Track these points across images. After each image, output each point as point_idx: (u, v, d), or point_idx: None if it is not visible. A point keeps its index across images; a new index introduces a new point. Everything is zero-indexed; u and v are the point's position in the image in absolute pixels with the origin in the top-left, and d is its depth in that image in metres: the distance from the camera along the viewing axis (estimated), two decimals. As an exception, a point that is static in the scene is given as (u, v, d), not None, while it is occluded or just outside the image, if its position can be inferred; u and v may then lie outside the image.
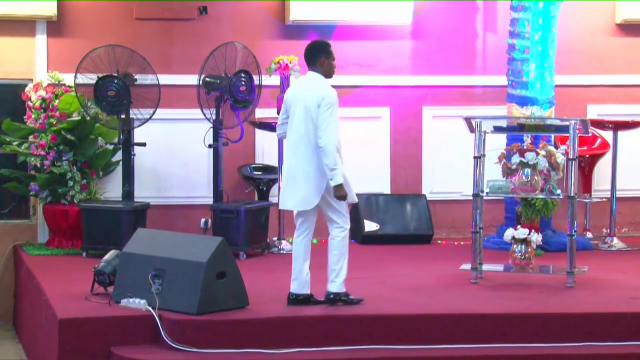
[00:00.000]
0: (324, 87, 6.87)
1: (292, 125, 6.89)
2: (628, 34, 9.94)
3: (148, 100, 8.77)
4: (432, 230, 9.56)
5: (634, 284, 7.72)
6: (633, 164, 9.82)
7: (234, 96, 8.76)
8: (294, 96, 6.93)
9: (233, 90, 8.74)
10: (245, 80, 8.80)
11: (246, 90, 8.81)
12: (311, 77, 6.95)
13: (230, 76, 8.74)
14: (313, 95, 6.81)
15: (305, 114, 6.82)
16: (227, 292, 6.73)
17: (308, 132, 6.81)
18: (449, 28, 9.80)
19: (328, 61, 6.94)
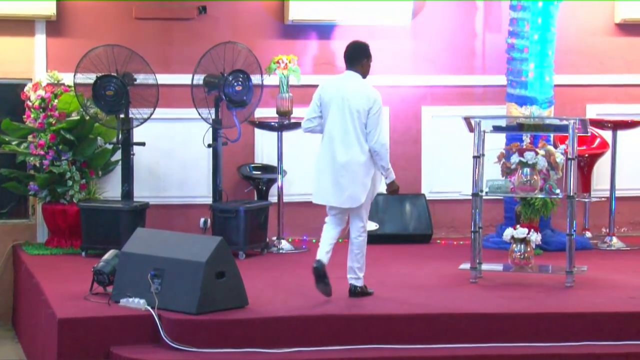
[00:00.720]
0: (371, 89, 7.13)
1: (334, 121, 7.08)
2: (627, 34, 9.94)
3: (147, 100, 8.77)
4: (431, 230, 9.56)
5: (633, 283, 7.73)
6: (632, 164, 9.83)
7: (228, 96, 8.77)
8: (333, 94, 7.12)
9: (228, 89, 8.75)
10: (242, 80, 8.79)
11: (243, 90, 8.81)
12: (351, 76, 7.17)
13: (226, 76, 8.75)
14: (363, 97, 7.05)
15: (354, 114, 7.04)
16: (227, 291, 6.72)
17: (357, 132, 7.04)
18: (448, 28, 9.80)
19: (368, 63, 7.21)
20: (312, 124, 7.23)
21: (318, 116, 7.20)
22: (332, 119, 7.10)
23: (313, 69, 9.61)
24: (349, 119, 7.06)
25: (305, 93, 9.48)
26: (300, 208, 9.58)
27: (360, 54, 7.21)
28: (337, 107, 7.10)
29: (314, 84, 9.50)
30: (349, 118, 7.06)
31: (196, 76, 8.86)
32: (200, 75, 8.87)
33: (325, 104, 7.15)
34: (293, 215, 9.46)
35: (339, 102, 7.09)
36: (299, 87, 9.32)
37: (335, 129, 7.09)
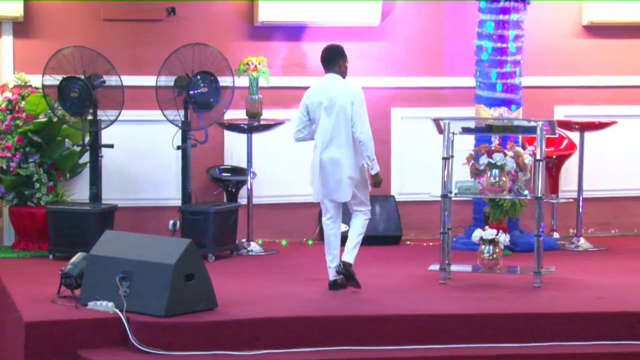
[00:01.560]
0: (351, 85, 7.58)
1: (324, 123, 7.47)
2: (594, 36, 10.01)
3: (113, 101, 8.74)
4: (400, 231, 9.58)
5: (600, 284, 7.77)
6: (600, 165, 9.89)
7: (193, 98, 8.76)
8: (319, 97, 7.51)
9: (193, 91, 8.74)
10: (208, 82, 8.78)
11: (208, 92, 8.79)
12: (332, 78, 7.58)
13: (191, 77, 8.74)
14: (346, 94, 7.47)
15: (340, 112, 7.44)
16: (196, 294, 6.71)
17: (347, 130, 7.43)
18: (417, 29, 9.82)
19: (344, 63, 7.62)
20: (302, 134, 7.65)
21: (307, 125, 7.60)
22: (322, 122, 7.48)
23: (283, 70, 9.61)
24: (337, 119, 7.45)
25: (275, 95, 9.49)
26: (270, 210, 9.58)
27: (336, 55, 7.61)
28: (325, 110, 7.48)
29: (284, 85, 9.58)
30: (336, 118, 7.45)
31: (167, 77, 8.83)
32: (171, 77, 8.84)
33: (313, 109, 7.53)
34: (263, 217, 9.45)
35: (326, 104, 7.48)
36: (268, 89, 9.32)
37: (325, 130, 7.47)
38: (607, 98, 10.00)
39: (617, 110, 9.89)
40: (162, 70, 8.82)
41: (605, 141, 9.81)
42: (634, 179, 10.05)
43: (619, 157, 10.00)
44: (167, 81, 8.90)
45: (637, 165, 10.03)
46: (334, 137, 7.47)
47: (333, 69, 7.59)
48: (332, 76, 7.59)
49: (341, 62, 7.61)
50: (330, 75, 7.59)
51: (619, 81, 10.02)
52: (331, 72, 7.59)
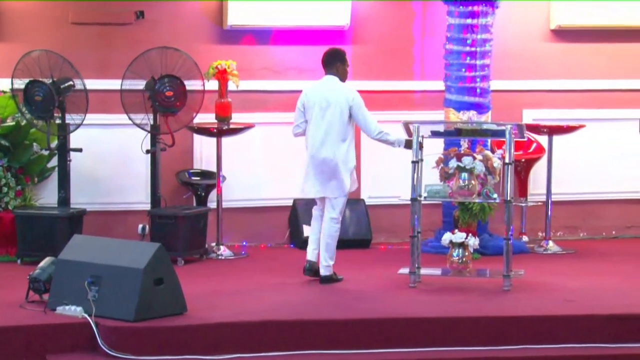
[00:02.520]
0: (346, 88, 7.92)
1: (317, 122, 7.83)
2: (562, 40, 10.06)
3: (79, 106, 8.70)
4: (370, 235, 9.59)
5: (569, 286, 7.82)
6: (568, 169, 9.94)
7: (156, 101, 8.74)
8: (315, 97, 7.89)
9: (157, 95, 8.72)
10: (174, 86, 8.76)
11: (174, 96, 8.77)
12: (330, 79, 7.96)
13: (155, 80, 8.73)
14: (341, 96, 7.84)
15: (334, 113, 7.80)
16: (165, 298, 6.69)
17: (338, 130, 7.81)
18: (387, 33, 9.84)
19: (342, 66, 7.97)
20: (300, 129, 8.01)
21: (304, 121, 7.96)
22: (316, 121, 7.84)
23: (252, 74, 9.59)
24: (331, 120, 7.81)
25: (244, 98, 9.48)
26: (239, 214, 9.56)
27: (334, 58, 7.99)
28: (319, 109, 7.84)
29: (253, 89, 9.57)
30: (330, 118, 7.81)
31: (133, 81, 8.80)
32: (137, 80, 8.81)
33: (309, 107, 7.90)
34: (232, 221, 9.43)
35: (321, 104, 7.83)
36: (237, 92, 9.31)
37: (319, 130, 7.83)
38: (575, 102, 10.06)
39: (585, 114, 9.95)
40: (128, 74, 8.79)
41: (573, 145, 9.87)
42: (602, 183, 10.12)
43: (587, 160, 10.06)
44: (133, 85, 8.86)
45: (605, 168, 10.10)
46: (326, 137, 7.80)
47: (331, 71, 7.96)
48: (329, 78, 7.96)
49: (338, 64, 7.96)
50: (327, 77, 7.97)
51: (586, 85, 10.07)
52: (329, 74, 7.96)
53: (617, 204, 10.18)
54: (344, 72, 8.01)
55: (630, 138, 9.83)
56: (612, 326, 6.82)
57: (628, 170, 10.12)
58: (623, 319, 6.87)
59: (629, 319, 6.86)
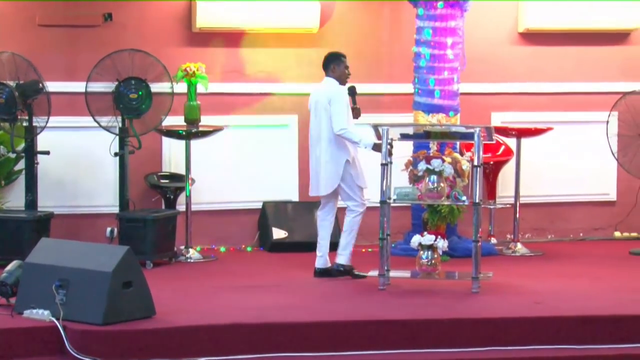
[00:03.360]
0: (332, 87, 8.20)
1: (312, 123, 8.25)
2: (530, 43, 10.11)
3: (43, 108, 8.65)
4: (339, 238, 9.57)
5: (537, 288, 7.85)
6: (536, 171, 9.99)
7: (121, 104, 8.71)
8: (312, 99, 8.30)
9: (121, 97, 8.70)
10: (139, 88, 8.74)
11: (139, 98, 8.75)
12: (326, 81, 8.30)
13: (120, 83, 8.71)
14: (324, 95, 8.17)
15: (320, 112, 8.14)
16: (134, 301, 6.65)
17: (324, 127, 8.11)
18: (356, 36, 9.85)
19: (338, 68, 8.26)
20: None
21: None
22: (311, 121, 8.28)
23: (221, 76, 9.58)
24: (319, 119, 8.17)
25: (213, 101, 9.46)
26: (208, 217, 9.54)
27: (328, 61, 8.31)
28: (313, 110, 8.26)
29: (222, 91, 9.56)
30: (318, 118, 8.18)
31: (99, 83, 8.77)
32: (104, 83, 8.77)
33: (310, 109, 8.32)
34: (201, 224, 9.41)
35: (314, 105, 8.25)
36: (207, 95, 9.29)
37: (313, 130, 8.25)
38: (543, 104, 10.11)
39: (553, 117, 10.01)
40: (94, 76, 8.75)
41: (541, 147, 9.92)
42: (570, 185, 10.18)
43: (555, 163, 10.12)
44: (99, 87, 8.82)
45: (572, 171, 10.16)
46: (318, 136, 8.17)
47: (327, 73, 8.29)
48: (325, 79, 8.30)
49: (332, 65, 8.26)
50: (325, 79, 8.31)
51: (554, 88, 10.14)
52: (326, 76, 8.30)
53: (584, 206, 10.25)
54: (340, 73, 8.27)
55: (597, 140, 9.90)
56: (580, 328, 6.85)
57: (595, 172, 10.18)
58: (591, 320, 6.91)
59: (597, 321, 6.90)
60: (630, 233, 10.27)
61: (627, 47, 10.24)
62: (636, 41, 10.22)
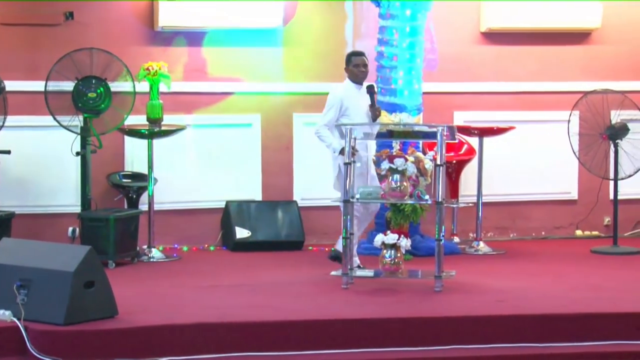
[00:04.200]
0: (335, 87, 8.41)
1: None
2: (492, 42, 10.16)
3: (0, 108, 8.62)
4: (303, 237, 9.60)
5: (500, 287, 7.89)
6: (498, 170, 10.04)
7: (79, 103, 8.66)
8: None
9: (80, 96, 8.65)
10: (98, 87, 8.69)
11: (98, 98, 8.70)
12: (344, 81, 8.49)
13: (79, 81, 8.66)
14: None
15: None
16: (96, 301, 6.62)
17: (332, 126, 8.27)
18: (319, 35, 9.86)
19: (348, 67, 8.42)
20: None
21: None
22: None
23: (184, 75, 9.55)
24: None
25: (176, 100, 9.43)
26: (171, 216, 9.51)
27: (345, 62, 8.48)
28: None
29: (185, 91, 9.53)
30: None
31: (59, 82, 8.71)
32: (64, 82, 8.72)
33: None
34: (164, 224, 9.38)
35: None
36: (169, 94, 9.26)
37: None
38: (506, 104, 10.17)
39: (515, 116, 10.06)
40: (53, 74, 8.70)
41: (503, 146, 9.97)
42: (532, 184, 10.24)
43: (517, 162, 10.18)
44: (59, 86, 8.76)
45: (534, 169, 10.22)
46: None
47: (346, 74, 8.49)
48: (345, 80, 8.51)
49: (345, 66, 8.48)
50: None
51: (516, 87, 10.19)
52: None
53: (546, 205, 10.32)
54: (351, 73, 8.42)
55: (558, 140, 9.97)
56: (542, 326, 6.89)
57: (556, 171, 10.25)
58: (553, 319, 6.95)
59: (559, 319, 6.94)
60: (592, 231, 10.35)
61: (588, 47, 10.32)
62: (597, 41, 10.31)
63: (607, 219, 10.30)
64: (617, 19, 10.27)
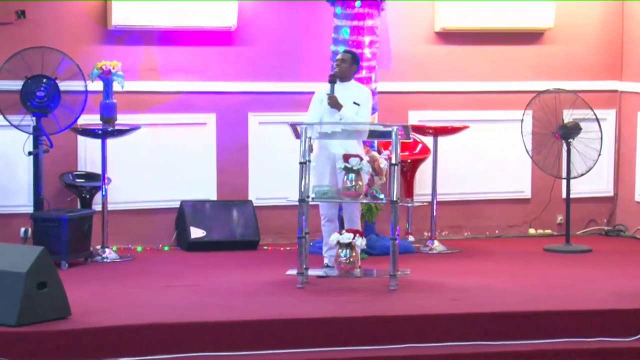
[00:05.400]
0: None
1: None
2: (446, 42, 10.20)
3: None
4: (258, 236, 9.57)
5: (454, 285, 7.93)
6: (452, 169, 10.08)
7: (28, 102, 8.59)
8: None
9: (28, 95, 8.58)
10: (47, 87, 8.63)
11: (45, 97, 8.64)
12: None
13: (27, 80, 8.59)
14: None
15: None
16: (48, 302, 6.57)
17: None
18: (274, 34, 9.84)
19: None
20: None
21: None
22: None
23: (137, 75, 9.48)
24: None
25: (130, 99, 9.36)
26: (125, 216, 9.45)
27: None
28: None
29: (139, 90, 9.46)
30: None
31: (14, 81, 8.63)
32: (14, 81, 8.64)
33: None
34: (118, 224, 9.31)
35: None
36: (123, 94, 9.19)
37: None
38: (460, 103, 10.21)
39: (469, 115, 10.11)
40: (3, 73, 8.61)
41: (458, 145, 10.02)
42: (486, 183, 10.29)
43: (471, 161, 10.22)
44: (9, 85, 8.66)
45: (488, 168, 10.27)
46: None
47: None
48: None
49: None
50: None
51: (470, 87, 10.24)
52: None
53: (499, 204, 10.38)
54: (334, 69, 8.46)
55: (511, 139, 10.03)
56: (496, 324, 6.94)
57: (510, 170, 10.31)
58: (506, 317, 7.00)
59: (513, 317, 7.00)
60: (544, 230, 10.43)
61: (540, 47, 10.39)
62: (549, 41, 10.39)
63: (559, 217, 10.39)
64: (569, 19, 10.36)
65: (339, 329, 6.77)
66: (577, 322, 7.01)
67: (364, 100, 8.27)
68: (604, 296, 7.52)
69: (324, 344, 6.69)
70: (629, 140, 10.39)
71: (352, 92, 8.30)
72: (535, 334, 6.94)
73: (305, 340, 6.69)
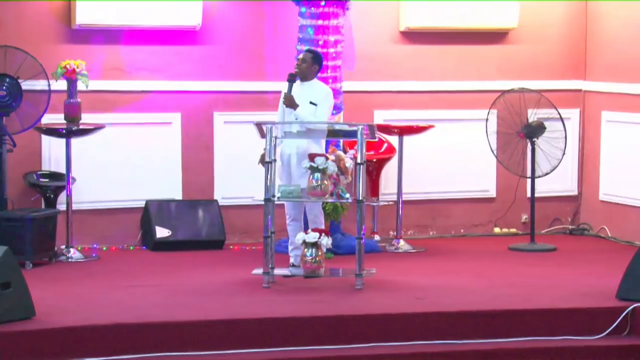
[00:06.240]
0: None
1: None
2: (411, 42, 10.23)
3: None
4: (224, 236, 9.56)
5: (419, 284, 7.95)
6: (418, 168, 10.11)
7: None
8: None
9: None
10: (9, 86, 8.57)
11: (7, 96, 8.58)
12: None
13: None
14: None
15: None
16: (12, 302, 6.53)
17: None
18: (239, 33, 9.83)
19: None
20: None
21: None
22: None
23: (102, 74, 9.44)
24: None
25: (94, 98, 9.32)
26: (90, 216, 9.40)
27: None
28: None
29: (103, 89, 9.42)
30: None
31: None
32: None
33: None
34: (82, 223, 9.27)
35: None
36: (87, 93, 9.14)
37: None
38: (425, 103, 10.24)
39: (435, 115, 10.14)
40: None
41: (423, 145, 10.05)
42: (451, 182, 10.33)
43: (436, 160, 10.26)
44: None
45: (453, 168, 10.31)
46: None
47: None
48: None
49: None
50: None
51: (435, 86, 10.27)
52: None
53: (465, 203, 10.42)
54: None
55: (476, 138, 10.08)
56: (460, 323, 6.97)
57: (475, 169, 10.36)
58: (471, 315, 7.03)
59: (478, 316, 7.03)
60: (509, 229, 10.49)
61: (505, 47, 10.44)
62: (514, 40, 10.44)
63: (524, 216, 10.45)
64: (533, 19, 10.42)
65: (304, 328, 6.78)
66: (542, 321, 7.06)
67: (322, 99, 8.27)
68: (569, 295, 7.57)
69: (290, 343, 6.70)
70: (593, 139, 10.47)
71: (311, 91, 8.31)
72: (500, 332, 6.98)
73: (271, 339, 6.69)
